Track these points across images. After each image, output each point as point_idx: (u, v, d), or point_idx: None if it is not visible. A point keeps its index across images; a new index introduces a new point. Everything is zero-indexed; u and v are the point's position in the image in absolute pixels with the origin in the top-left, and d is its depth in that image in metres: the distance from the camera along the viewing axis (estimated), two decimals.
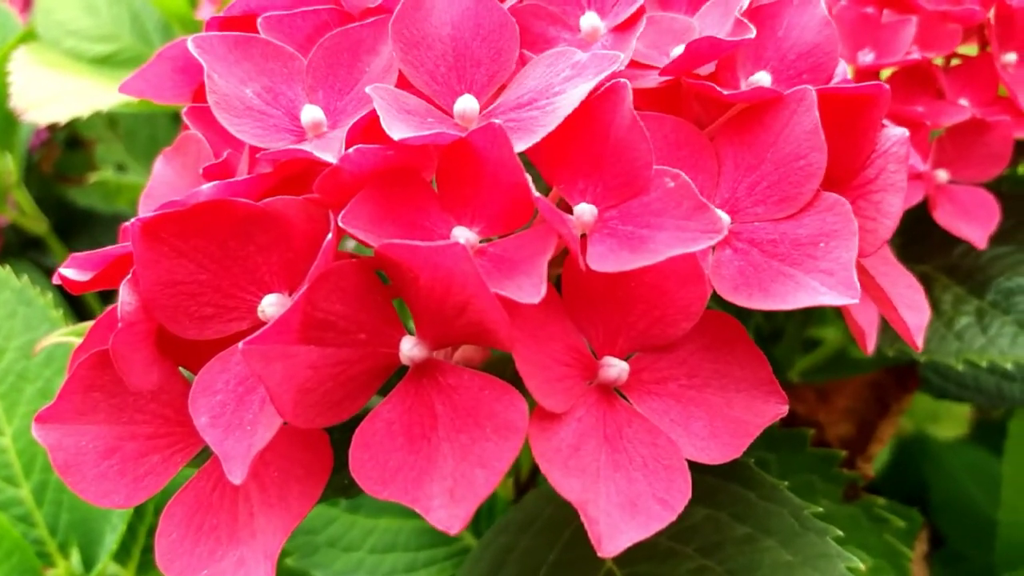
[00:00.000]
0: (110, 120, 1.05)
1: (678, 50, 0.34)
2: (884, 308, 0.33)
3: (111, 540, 0.58)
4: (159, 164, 0.37)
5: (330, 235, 0.27)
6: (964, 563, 0.90)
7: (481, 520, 0.62)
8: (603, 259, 0.29)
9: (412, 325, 0.30)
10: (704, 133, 0.33)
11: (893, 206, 0.32)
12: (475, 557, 0.44)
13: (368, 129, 0.30)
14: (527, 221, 0.29)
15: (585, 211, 0.30)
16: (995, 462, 0.92)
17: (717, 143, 0.33)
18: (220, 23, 0.37)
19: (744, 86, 0.35)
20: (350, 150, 0.28)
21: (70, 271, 0.32)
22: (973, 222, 0.49)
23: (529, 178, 0.28)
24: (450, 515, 0.27)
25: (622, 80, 0.30)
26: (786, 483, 0.41)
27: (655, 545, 0.40)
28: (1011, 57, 0.51)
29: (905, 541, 0.57)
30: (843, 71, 0.35)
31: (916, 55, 0.49)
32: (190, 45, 0.32)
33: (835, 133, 0.32)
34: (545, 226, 0.28)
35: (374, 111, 0.30)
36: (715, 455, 0.30)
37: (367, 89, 0.30)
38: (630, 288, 0.30)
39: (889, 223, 0.32)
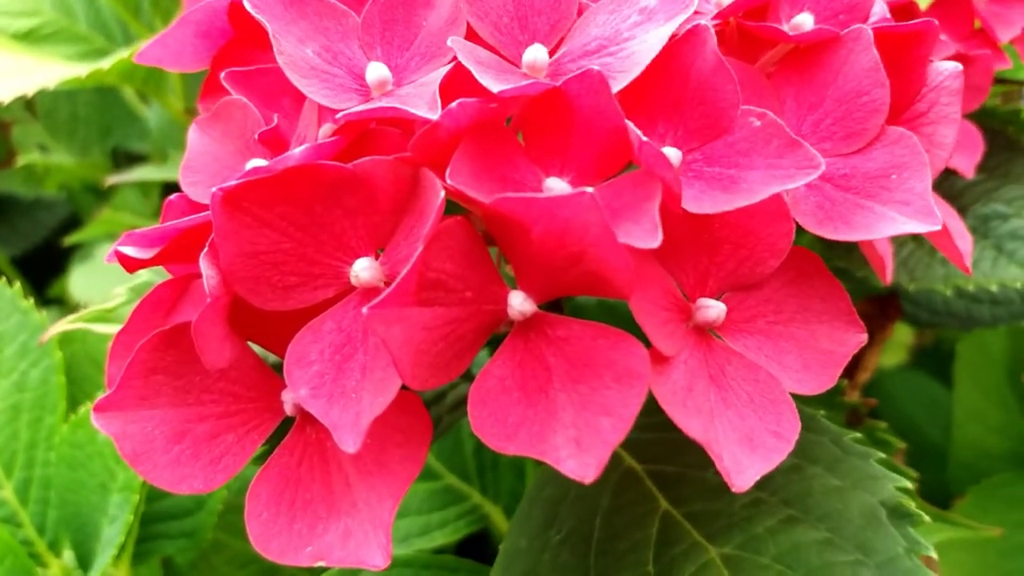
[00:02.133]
0: (26, 99, 0.99)
1: None
2: (939, 237, 0.35)
3: (111, 532, 0.56)
4: (194, 134, 0.35)
5: (442, 194, 0.26)
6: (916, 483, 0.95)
7: (486, 476, 0.62)
8: (699, 201, 0.29)
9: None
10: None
11: (947, 137, 0.33)
12: (524, 513, 0.44)
13: (451, 84, 0.29)
14: (621, 168, 0.29)
15: (671, 155, 0.30)
16: (937, 386, 0.97)
17: (775, 83, 0.34)
18: None
19: (788, 28, 0.36)
20: (452, 105, 0.27)
21: (129, 248, 0.31)
22: (960, 152, 0.51)
23: (630, 123, 0.28)
24: (581, 463, 0.27)
25: (703, 23, 0.30)
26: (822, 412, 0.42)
27: (704, 481, 0.41)
28: None
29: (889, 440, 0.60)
30: (881, 10, 0.36)
31: None
32: (248, 4, 0.30)
33: (886, 69, 0.33)
34: (646, 171, 0.28)
35: (454, 65, 0.29)
36: (812, 386, 0.31)
37: (449, 41, 0.29)
38: (716, 229, 0.31)
39: (943, 154, 0.33)
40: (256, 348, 0.33)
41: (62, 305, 0.94)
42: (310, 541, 0.30)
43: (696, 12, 0.34)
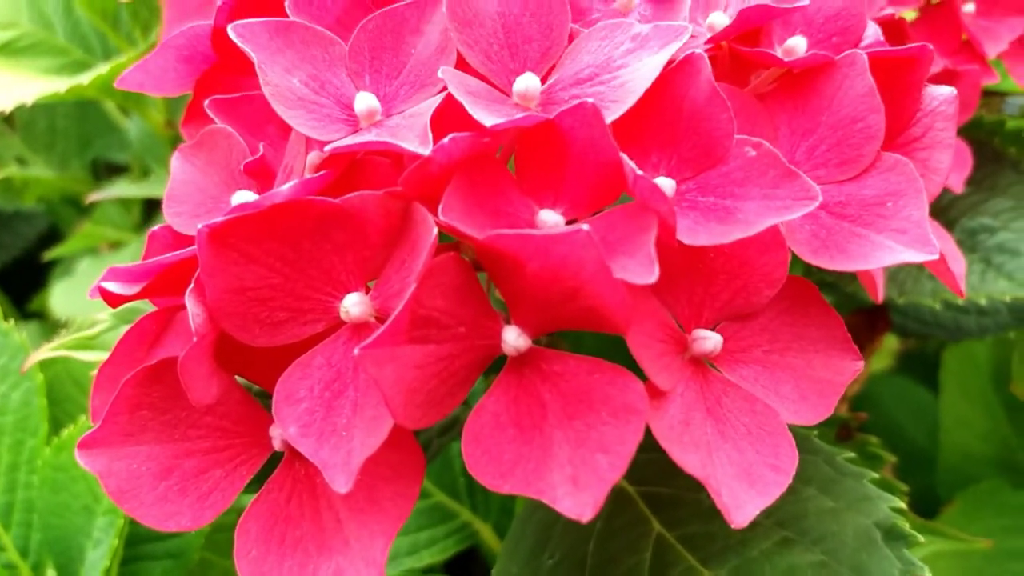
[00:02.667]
0: (3, 114, 0.97)
1: (717, 18, 0.34)
2: (933, 261, 0.34)
3: (95, 556, 0.55)
4: (177, 162, 0.34)
5: (435, 231, 0.26)
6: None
7: (476, 493, 0.62)
8: (694, 233, 0.29)
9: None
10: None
11: (942, 163, 0.33)
12: (515, 536, 0.43)
13: (442, 116, 0.29)
14: (615, 199, 0.29)
15: (665, 185, 0.30)
16: (923, 391, 0.98)
17: (768, 108, 0.34)
18: (231, 7, 0.35)
19: (779, 52, 0.35)
20: (445, 140, 0.26)
21: (112, 285, 0.30)
22: (951, 168, 0.51)
23: (624, 156, 0.27)
24: (577, 502, 0.26)
25: (698, 51, 0.29)
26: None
27: (698, 503, 0.41)
28: (970, 7, 0.53)
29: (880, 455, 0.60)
30: (875, 32, 0.35)
31: (888, 11, 0.50)
32: (232, 34, 0.29)
33: (880, 93, 0.33)
34: (640, 204, 0.28)
35: (445, 97, 0.29)
36: (809, 416, 0.30)
37: (440, 72, 0.29)
38: (711, 259, 0.30)
39: (938, 179, 0.33)
40: (242, 379, 0.33)
41: (42, 319, 0.93)
42: None
43: (691, 36, 0.34)
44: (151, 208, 0.91)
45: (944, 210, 0.59)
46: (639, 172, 0.27)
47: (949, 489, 0.84)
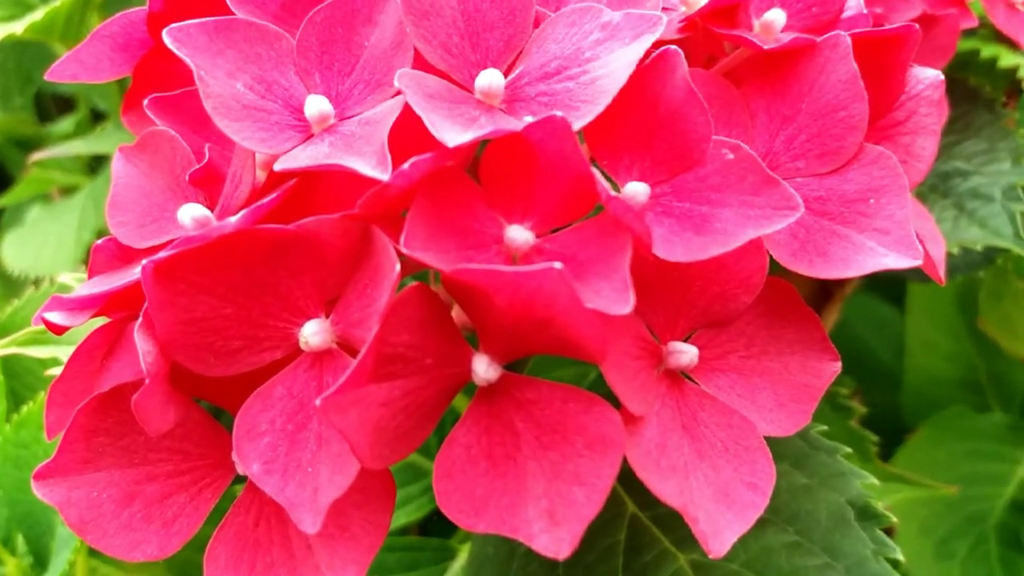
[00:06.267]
0: None
1: None
2: None
3: (66, 529, 0.54)
4: (119, 164, 0.32)
5: (397, 267, 0.24)
6: (869, 406, 0.97)
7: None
8: (670, 245, 0.27)
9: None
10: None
11: (926, 149, 0.31)
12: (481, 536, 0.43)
13: (402, 127, 0.27)
14: (587, 213, 0.27)
15: (639, 191, 0.28)
16: (889, 311, 0.99)
17: (745, 93, 0.32)
18: None
19: (757, 25, 0.33)
20: (404, 166, 0.24)
21: (55, 316, 0.28)
22: None
23: (596, 172, 0.26)
24: (554, 539, 0.26)
25: (673, 48, 0.27)
26: None
27: None
28: None
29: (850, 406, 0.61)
30: (857, 2, 0.33)
31: None
32: (167, 40, 0.27)
33: (863, 75, 0.31)
34: (611, 220, 0.26)
35: (405, 106, 0.27)
36: (786, 426, 0.30)
37: (396, 81, 0.26)
38: (687, 266, 0.29)
39: (922, 166, 0.32)
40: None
41: None
42: None
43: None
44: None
45: None
46: (612, 193, 0.25)
47: (914, 412, 0.86)
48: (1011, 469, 0.80)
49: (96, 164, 0.88)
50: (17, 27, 0.60)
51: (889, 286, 1.04)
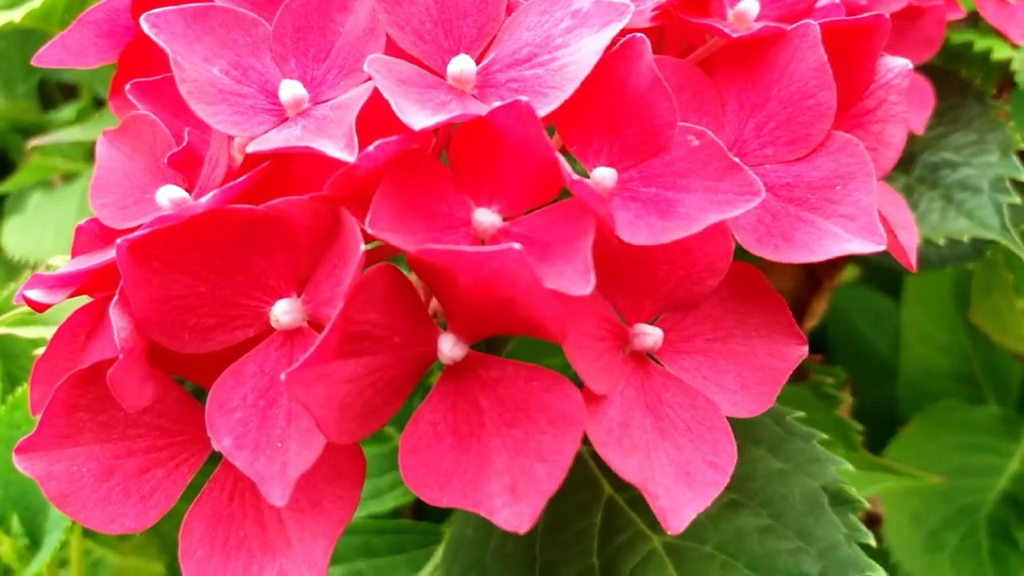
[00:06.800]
0: None
1: None
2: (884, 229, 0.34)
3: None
4: (102, 147, 0.33)
5: (362, 247, 0.25)
6: (864, 398, 0.98)
7: None
8: (635, 229, 0.28)
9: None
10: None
11: (895, 137, 0.32)
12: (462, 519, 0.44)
13: (371, 110, 0.27)
14: (554, 196, 0.28)
15: (606, 176, 0.29)
16: (887, 302, 0.99)
17: (717, 80, 0.32)
18: None
19: (730, 15, 0.34)
20: (370, 148, 0.25)
21: (36, 293, 0.29)
22: (910, 108, 0.50)
23: (561, 157, 0.26)
24: (515, 512, 0.26)
25: (639, 35, 0.28)
26: None
27: None
28: None
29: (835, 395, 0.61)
30: None
31: None
32: (144, 26, 0.27)
33: (834, 63, 0.31)
34: (577, 204, 0.27)
35: (375, 91, 0.27)
36: (750, 407, 0.30)
37: (365, 67, 0.27)
38: (652, 249, 0.29)
39: (891, 154, 0.32)
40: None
41: None
42: None
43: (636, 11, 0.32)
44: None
45: (906, 144, 0.58)
46: (574, 177, 0.26)
47: (909, 404, 0.86)
48: (1004, 462, 0.80)
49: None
50: (16, 15, 0.61)
51: (886, 277, 1.04)
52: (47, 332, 0.42)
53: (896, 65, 0.32)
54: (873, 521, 0.75)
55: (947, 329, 0.87)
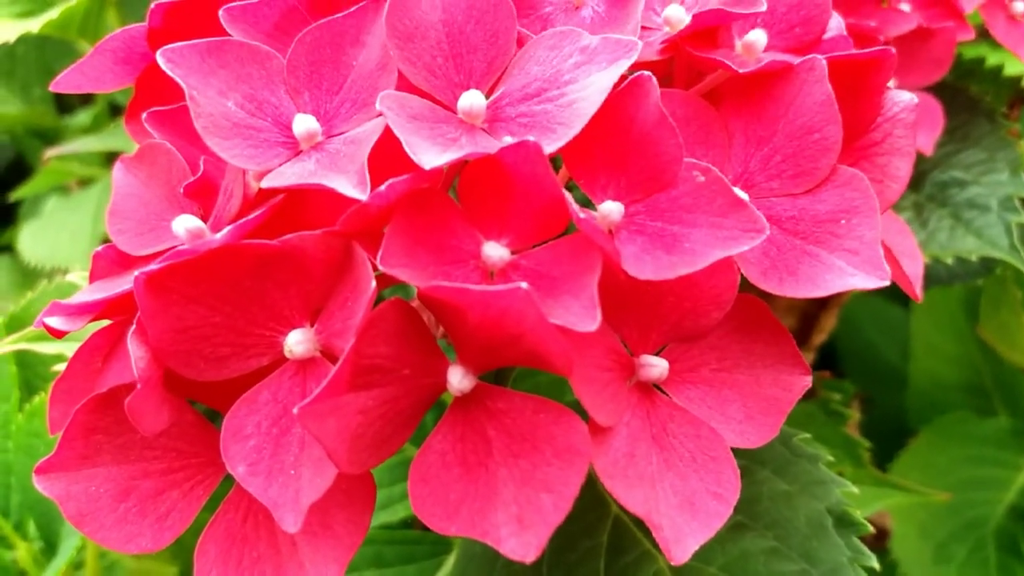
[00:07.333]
0: None
1: (674, 11, 0.33)
2: (888, 260, 0.34)
3: None
4: (119, 174, 0.33)
5: (373, 284, 0.25)
6: (874, 407, 0.98)
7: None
8: (640, 263, 0.28)
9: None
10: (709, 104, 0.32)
11: (901, 170, 0.32)
12: None
13: (383, 147, 0.28)
14: (562, 230, 0.28)
15: (612, 210, 0.29)
16: (897, 311, 0.99)
17: (724, 114, 0.33)
18: (165, 9, 0.33)
19: (739, 46, 0.34)
20: (381, 188, 0.26)
21: (55, 320, 0.30)
22: (919, 129, 0.50)
23: (568, 195, 0.27)
24: (522, 543, 0.27)
25: (646, 73, 0.28)
26: None
27: None
28: None
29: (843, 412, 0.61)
30: (838, 24, 0.34)
31: None
32: (161, 61, 0.28)
33: (840, 96, 0.32)
34: (584, 239, 0.27)
35: (385, 123, 0.28)
36: (754, 438, 0.31)
37: (378, 104, 0.28)
38: (659, 283, 0.30)
39: (896, 187, 0.32)
40: None
41: (13, 253, 0.92)
42: None
43: (645, 44, 0.32)
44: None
45: (916, 162, 0.58)
46: (581, 215, 0.26)
47: (919, 415, 0.86)
48: (1012, 475, 0.80)
49: (114, 157, 0.90)
50: (34, 25, 0.62)
51: (897, 288, 1.04)
52: (64, 348, 0.43)
53: (903, 99, 0.32)
54: (881, 534, 0.75)
55: (957, 341, 0.87)
